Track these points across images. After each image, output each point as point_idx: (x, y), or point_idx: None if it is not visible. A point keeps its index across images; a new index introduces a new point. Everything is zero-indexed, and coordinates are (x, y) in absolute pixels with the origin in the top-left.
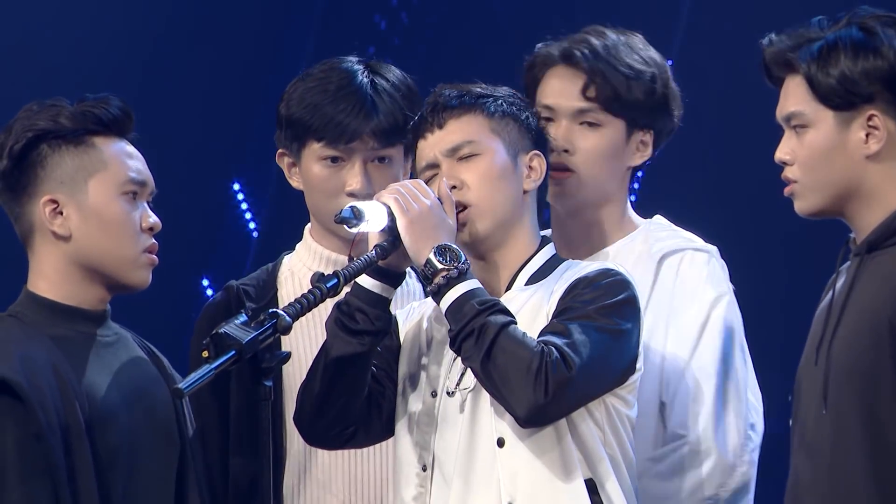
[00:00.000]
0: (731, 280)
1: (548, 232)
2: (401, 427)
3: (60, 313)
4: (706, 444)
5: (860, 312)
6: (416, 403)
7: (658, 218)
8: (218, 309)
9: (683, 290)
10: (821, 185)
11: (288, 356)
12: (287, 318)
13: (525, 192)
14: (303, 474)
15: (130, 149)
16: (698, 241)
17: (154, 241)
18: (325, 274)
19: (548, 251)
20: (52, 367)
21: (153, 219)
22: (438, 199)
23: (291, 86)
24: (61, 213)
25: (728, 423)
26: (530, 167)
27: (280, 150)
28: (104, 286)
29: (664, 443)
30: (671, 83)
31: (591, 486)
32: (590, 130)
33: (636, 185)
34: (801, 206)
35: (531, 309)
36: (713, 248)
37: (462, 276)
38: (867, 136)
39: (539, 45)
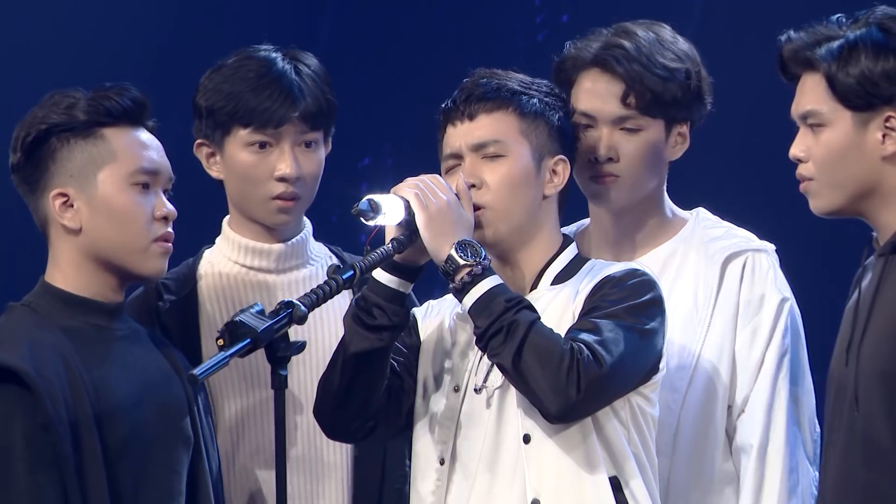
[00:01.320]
0: None
1: (571, 228)
2: (420, 422)
3: (74, 305)
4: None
5: (888, 315)
6: (437, 399)
7: (703, 212)
8: (136, 303)
9: (751, 294)
10: (836, 185)
11: (303, 346)
12: (302, 307)
13: (545, 197)
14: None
15: (144, 138)
16: (755, 240)
17: (169, 230)
18: (341, 265)
19: (571, 251)
20: (62, 357)
21: (168, 208)
22: (456, 194)
23: (206, 77)
24: (72, 207)
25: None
26: (553, 172)
27: (198, 141)
28: (118, 277)
29: (729, 450)
30: (703, 72)
31: (616, 484)
32: (631, 135)
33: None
34: (816, 204)
35: (557, 308)
36: (770, 246)
37: (486, 273)
38: (884, 136)
39: (568, 43)
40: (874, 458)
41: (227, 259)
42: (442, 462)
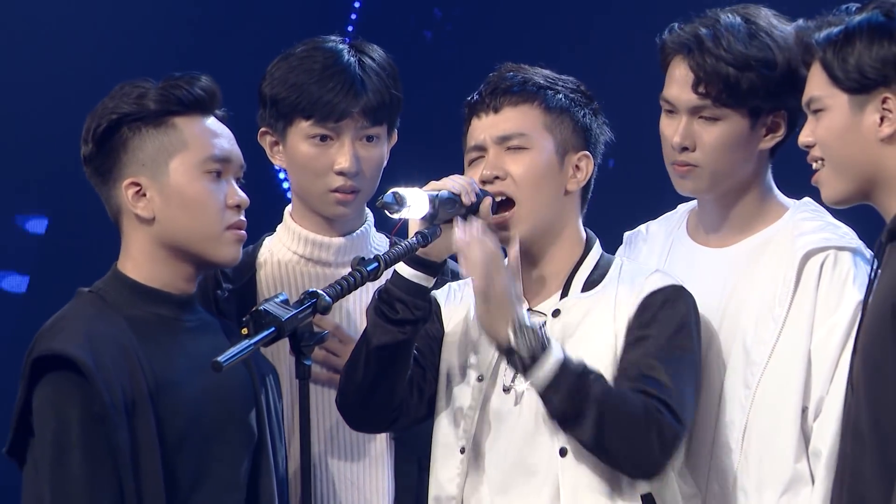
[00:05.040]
0: None
1: (686, 206)
2: (442, 410)
3: (142, 295)
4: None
5: (876, 302)
6: (460, 388)
7: (807, 202)
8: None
9: (828, 293)
10: (840, 169)
11: (326, 336)
12: (327, 298)
13: (568, 192)
14: None
15: (215, 126)
16: (845, 237)
17: (242, 218)
18: (366, 258)
19: (595, 252)
20: (122, 347)
21: (240, 196)
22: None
23: (273, 65)
24: (144, 196)
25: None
26: (577, 167)
27: (262, 129)
28: (192, 265)
29: (804, 450)
30: (798, 61)
31: (650, 499)
32: (709, 124)
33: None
34: (827, 193)
35: (596, 321)
36: (858, 245)
37: (545, 349)
38: (882, 119)
39: (673, 25)
40: (859, 444)
41: (287, 249)
42: (462, 451)
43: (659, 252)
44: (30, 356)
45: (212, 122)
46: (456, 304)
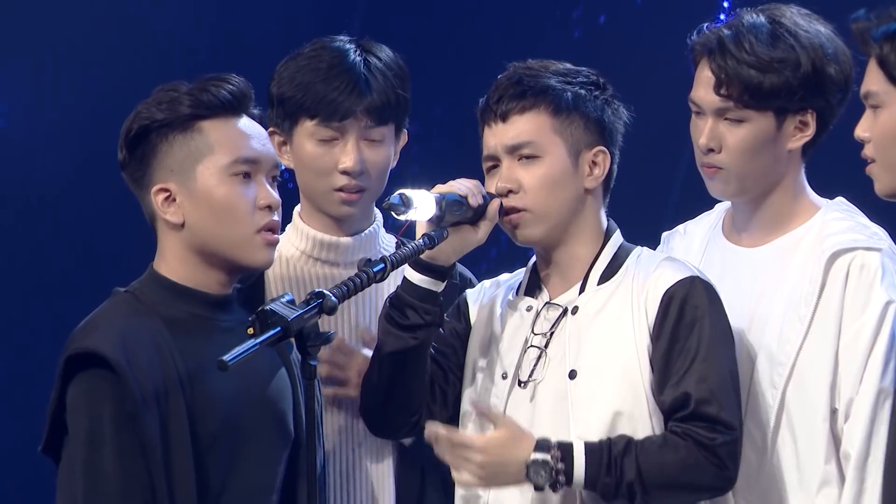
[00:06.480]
0: None
1: (723, 206)
2: (467, 409)
3: (177, 294)
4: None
5: None
6: (484, 386)
7: (840, 202)
8: None
9: (856, 294)
10: (892, 168)
11: (332, 336)
12: (333, 298)
13: (587, 190)
14: None
15: (245, 127)
16: (873, 237)
17: (274, 218)
18: (372, 259)
19: (614, 243)
20: (157, 347)
21: (271, 196)
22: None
23: (281, 65)
24: (174, 201)
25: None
26: (593, 163)
27: (270, 129)
28: (225, 269)
29: (834, 453)
30: (826, 60)
31: None
32: (734, 126)
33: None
34: (878, 186)
35: (612, 314)
36: (888, 245)
37: (567, 460)
38: None
39: (702, 25)
40: None
41: (295, 249)
42: None
43: (695, 252)
44: (64, 355)
45: (242, 123)
46: (484, 302)
